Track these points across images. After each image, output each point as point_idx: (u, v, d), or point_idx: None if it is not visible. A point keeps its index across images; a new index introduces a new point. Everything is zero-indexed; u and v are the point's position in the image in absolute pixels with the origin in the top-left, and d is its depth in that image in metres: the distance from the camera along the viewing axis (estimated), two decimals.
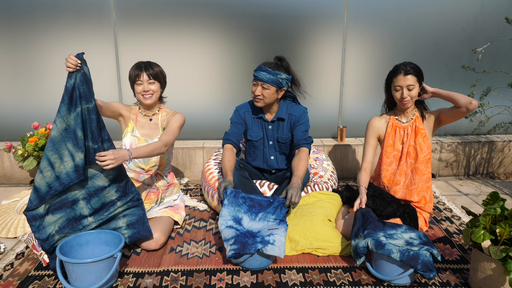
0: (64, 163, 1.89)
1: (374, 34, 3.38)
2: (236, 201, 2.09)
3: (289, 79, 2.39)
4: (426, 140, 2.28)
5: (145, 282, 1.88)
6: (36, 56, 3.28)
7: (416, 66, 2.25)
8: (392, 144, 2.35)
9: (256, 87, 2.35)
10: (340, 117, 3.56)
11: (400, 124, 2.35)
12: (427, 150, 2.27)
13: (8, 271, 1.97)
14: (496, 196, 1.78)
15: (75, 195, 1.96)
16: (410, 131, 2.31)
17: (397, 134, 2.34)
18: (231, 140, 2.43)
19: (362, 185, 2.28)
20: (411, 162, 2.30)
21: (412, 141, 2.30)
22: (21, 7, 3.18)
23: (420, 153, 2.27)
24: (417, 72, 2.23)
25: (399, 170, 2.33)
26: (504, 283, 1.70)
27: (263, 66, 2.32)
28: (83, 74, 1.89)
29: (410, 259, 1.75)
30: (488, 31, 3.39)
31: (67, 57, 1.86)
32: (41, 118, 3.28)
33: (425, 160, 2.28)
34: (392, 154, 2.36)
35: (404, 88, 2.22)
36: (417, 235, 1.93)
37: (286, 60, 2.42)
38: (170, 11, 3.24)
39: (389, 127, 2.36)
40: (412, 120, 2.32)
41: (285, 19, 3.30)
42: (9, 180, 3.30)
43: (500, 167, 3.50)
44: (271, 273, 1.94)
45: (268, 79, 2.30)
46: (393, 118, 2.37)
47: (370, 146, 2.41)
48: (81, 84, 1.89)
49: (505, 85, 3.14)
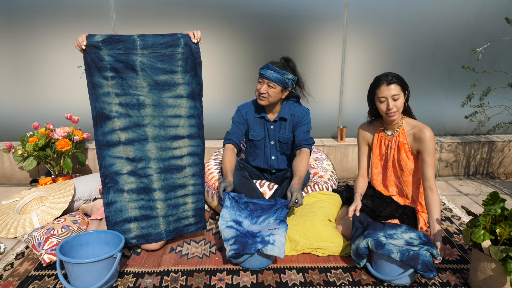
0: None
1: (374, 34, 3.38)
2: (238, 206, 2.09)
3: (295, 80, 2.40)
4: (410, 155, 2.18)
5: (145, 282, 1.88)
6: (36, 56, 3.28)
7: (398, 76, 2.12)
8: (379, 155, 2.31)
9: (261, 85, 2.35)
10: (340, 117, 3.56)
11: (385, 135, 2.26)
12: (412, 164, 2.19)
13: (8, 271, 1.97)
14: (496, 196, 1.78)
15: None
16: (394, 145, 2.22)
17: (382, 146, 2.28)
18: (232, 140, 2.43)
19: (357, 192, 2.26)
20: (398, 175, 2.25)
21: (395, 155, 2.22)
22: (21, 7, 3.18)
23: (405, 168, 2.19)
24: (400, 81, 2.11)
25: (388, 181, 2.30)
26: (504, 283, 1.69)
27: (271, 65, 2.32)
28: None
29: (410, 259, 1.75)
30: (488, 31, 3.39)
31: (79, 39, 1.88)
32: (41, 118, 3.28)
33: (412, 173, 2.21)
34: (380, 165, 2.33)
35: (389, 98, 2.09)
36: (417, 235, 1.93)
37: (293, 61, 2.43)
38: (170, 11, 3.24)
39: (376, 138, 2.30)
40: (397, 133, 2.20)
41: (286, 19, 3.30)
42: (9, 180, 3.30)
43: (500, 167, 3.50)
44: (271, 273, 1.94)
45: (275, 78, 2.30)
46: (380, 128, 2.29)
47: (363, 153, 2.38)
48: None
49: (505, 85, 3.14)
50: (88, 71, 1.90)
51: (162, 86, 1.99)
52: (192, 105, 2.05)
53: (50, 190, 2.60)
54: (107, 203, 2.02)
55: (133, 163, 2.03)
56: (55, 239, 2.08)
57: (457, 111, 3.37)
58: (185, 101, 2.04)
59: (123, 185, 2.03)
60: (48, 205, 2.46)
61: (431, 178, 2.09)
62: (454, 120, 3.58)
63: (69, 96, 3.31)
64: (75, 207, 2.62)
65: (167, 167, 2.07)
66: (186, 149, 2.09)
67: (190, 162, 2.11)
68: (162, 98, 2.01)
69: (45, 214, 2.39)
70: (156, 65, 1.95)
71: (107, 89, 1.94)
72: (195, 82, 2.03)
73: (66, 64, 3.29)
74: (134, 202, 2.06)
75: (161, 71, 1.97)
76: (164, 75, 1.98)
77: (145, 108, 2.00)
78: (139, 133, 2.02)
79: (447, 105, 3.54)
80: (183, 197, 2.14)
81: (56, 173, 3.00)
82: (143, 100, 1.99)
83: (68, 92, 3.32)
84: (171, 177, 2.09)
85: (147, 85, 1.98)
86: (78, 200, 2.62)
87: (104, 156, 1.99)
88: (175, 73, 1.99)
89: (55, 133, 2.93)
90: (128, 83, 1.96)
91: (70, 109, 3.25)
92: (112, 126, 1.98)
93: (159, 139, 2.04)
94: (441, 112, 3.52)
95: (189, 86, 2.03)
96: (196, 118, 2.08)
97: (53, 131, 2.96)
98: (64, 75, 3.29)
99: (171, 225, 2.13)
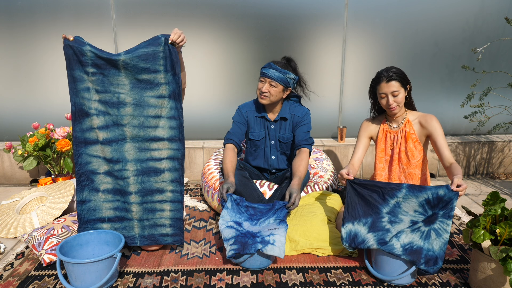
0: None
1: (374, 34, 3.38)
2: (238, 209, 2.10)
3: (296, 79, 2.41)
4: (417, 144, 2.22)
5: (145, 282, 1.88)
6: (36, 56, 3.28)
7: (398, 71, 2.15)
8: (384, 149, 2.32)
9: (263, 84, 2.35)
10: (340, 117, 3.56)
11: (390, 129, 2.29)
12: (419, 154, 2.22)
13: (8, 271, 1.97)
14: (496, 196, 1.78)
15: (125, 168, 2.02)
16: (400, 136, 2.25)
17: (388, 139, 2.30)
18: (233, 140, 2.43)
19: (350, 162, 2.25)
20: (403, 168, 2.27)
21: (402, 146, 2.24)
22: (21, 7, 3.18)
23: (412, 159, 2.21)
24: (400, 77, 2.14)
25: (392, 175, 2.30)
26: (504, 283, 1.69)
27: (273, 64, 2.32)
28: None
29: (412, 252, 1.77)
30: (488, 31, 3.39)
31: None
32: (41, 118, 3.28)
33: (419, 165, 2.24)
34: (384, 159, 2.33)
35: (389, 95, 2.15)
36: (424, 199, 1.81)
37: (294, 60, 2.44)
38: (170, 11, 3.24)
39: (380, 131, 2.32)
40: (402, 125, 2.26)
41: (285, 19, 3.30)
42: (9, 180, 3.30)
43: (500, 167, 3.50)
44: (271, 273, 1.94)
45: (277, 77, 2.30)
46: (384, 122, 2.33)
47: (362, 144, 2.36)
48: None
49: (505, 85, 3.14)
50: (68, 64, 1.90)
51: (145, 85, 1.97)
52: (173, 106, 2.01)
53: (50, 190, 2.60)
54: (80, 201, 2.01)
55: (110, 164, 2.01)
56: (55, 239, 2.08)
57: (457, 111, 3.37)
58: (167, 101, 2.00)
59: (99, 185, 2.02)
60: (48, 205, 2.46)
61: (450, 156, 2.07)
62: (454, 120, 3.58)
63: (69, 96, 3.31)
64: (75, 207, 2.62)
65: (145, 169, 2.03)
66: (165, 152, 2.04)
67: (170, 166, 2.05)
68: (143, 97, 1.98)
69: (45, 214, 2.40)
70: (139, 65, 1.93)
71: (87, 84, 1.94)
72: (175, 81, 1.98)
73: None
74: (109, 202, 2.04)
75: (144, 70, 1.94)
76: (147, 74, 1.95)
77: (125, 107, 1.98)
78: (117, 133, 1.99)
79: (447, 105, 3.54)
80: (161, 203, 2.07)
81: (56, 173, 3.00)
82: (124, 98, 1.97)
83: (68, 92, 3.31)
84: (148, 180, 2.04)
85: (129, 83, 1.96)
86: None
87: (81, 153, 1.98)
88: (157, 72, 1.96)
89: (55, 133, 2.93)
90: (110, 80, 1.94)
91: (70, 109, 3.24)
92: (91, 124, 1.97)
93: (138, 140, 2.01)
94: (441, 112, 3.52)
95: (170, 86, 1.99)
96: (177, 120, 2.02)
97: (53, 131, 2.96)
98: (64, 75, 3.28)
99: (146, 230, 2.08)
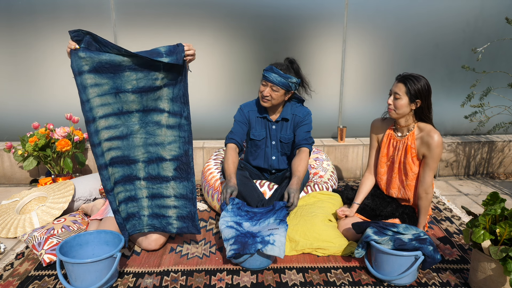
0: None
1: (374, 34, 3.38)
2: (239, 212, 2.11)
3: (299, 82, 2.39)
4: (415, 160, 2.16)
5: (145, 282, 1.88)
6: (36, 56, 3.28)
7: (416, 82, 2.05)
8: (386, 154, 2.29)
9: (265, 88, 2.34)
10: (340, 117, 3.56)
11: (395, 136, 2.24)
12: (416, 169, 2.18)
13: (8, 271, 1.97)
14: (496, 196, 1.78)
15: (136, 156, 2.00)
16: (402, 147, 2.20)
17: (390, 147, 2.26)
18: (235, 140, 2.42)
19: (355, 202, 2.31)
20: (402, 179, 2.24)
21: (402, 157, 2.20)
22: (21, 7, 3.18)
23: (409, 172, 2.18)
24: (410, 85, 2.05)
25: (392, 182, 2.28)
26: (504, 283, 1.70)
27: (275, 68, 2.30)
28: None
29: (420, 239, 1.81)
30: (488, 31, 3.39)
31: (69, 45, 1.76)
32: (41, 118, 3.28)
33: (415, 177, 2.20)
34: (386, 164, 2.31)
35: (392, 94, 2.14)
36: (418, 230, 1.92)
37: (296, 62, 2.40)
38: (170, 11, 3.24)
39: (386, 136, 2.28)
40: (406, 137, 2.18)
41: (285, 19, 3.30)
42: (9, 180, 3.30)
43: (500, 167, 3.50)
44: (271, 273, 1.94)
45: (279, 82, 2.29)
46: (391, 127, 2.28)
47: (373, 148, 2.37)
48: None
49: (505, 85, 3.14)
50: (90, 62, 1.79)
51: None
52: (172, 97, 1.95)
53: (50, 190, 2.60)
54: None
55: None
56: (55, 239, 2.08)
57: (457, 111, 3.36)
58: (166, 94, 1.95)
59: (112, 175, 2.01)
60: (48, 205, 2.46)
61: (429, 183, 2.11)
62: (454, 120, 3.58)
63: (69, 96, 3.31)
64: (75, 207, 2.62)
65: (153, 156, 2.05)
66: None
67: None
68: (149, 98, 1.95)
69: (45, 214, 2.40)
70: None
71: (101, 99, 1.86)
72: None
73: (66, 64, 3.28)
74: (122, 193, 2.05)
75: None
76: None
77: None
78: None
79: (447, 105, 3.54)
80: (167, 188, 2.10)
81: (56, 173, 3.00)
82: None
83: (68, 92, 3.31)
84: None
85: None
86: (78, 200, 2.62)
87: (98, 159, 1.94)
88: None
89: (55, 133, 2.93)
90: (121, 98, 1.90)
91: (70, 109, 3.24)
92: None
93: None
94: (441, 112, 3.52)
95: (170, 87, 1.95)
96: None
97: (53, 131, 2.96)
98: (64, 75, 3.28)
99: (154, 209, 2.10)
